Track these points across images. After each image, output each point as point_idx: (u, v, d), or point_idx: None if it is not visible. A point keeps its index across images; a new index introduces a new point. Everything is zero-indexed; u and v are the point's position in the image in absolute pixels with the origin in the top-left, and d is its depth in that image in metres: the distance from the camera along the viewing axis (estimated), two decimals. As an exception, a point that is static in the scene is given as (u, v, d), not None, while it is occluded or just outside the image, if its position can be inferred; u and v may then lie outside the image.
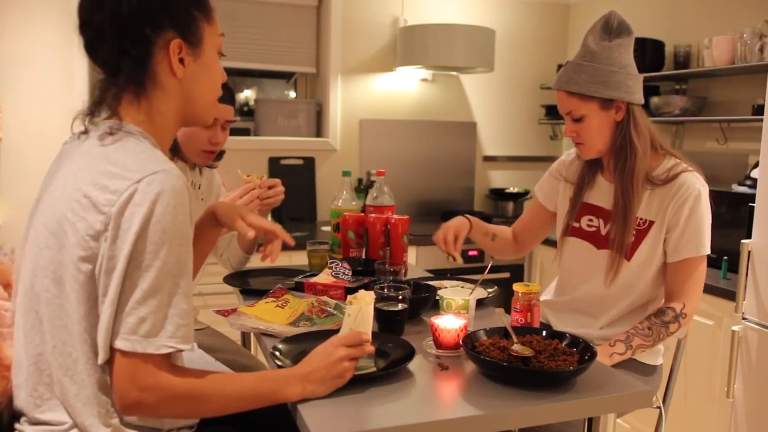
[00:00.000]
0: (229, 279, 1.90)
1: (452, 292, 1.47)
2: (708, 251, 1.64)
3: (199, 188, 1.86)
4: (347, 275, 1.75)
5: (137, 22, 1.01)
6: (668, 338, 1.62)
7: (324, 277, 1.76)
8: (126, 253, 0.94)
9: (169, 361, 1.00)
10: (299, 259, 2.89)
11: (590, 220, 1.75)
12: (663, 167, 1.65)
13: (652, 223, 1.65)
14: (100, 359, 0.97)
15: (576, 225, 1.78)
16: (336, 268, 1.77)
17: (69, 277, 0.99)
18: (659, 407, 1.66)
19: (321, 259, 1.97)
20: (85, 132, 1.08)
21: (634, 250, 1.66)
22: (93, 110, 1.07)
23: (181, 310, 0.98)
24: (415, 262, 3.10)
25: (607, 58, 1.58)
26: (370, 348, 1.18)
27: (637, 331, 1.59)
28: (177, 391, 0.99)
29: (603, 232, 1.71)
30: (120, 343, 0.95)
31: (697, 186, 1.62)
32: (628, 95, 1.60)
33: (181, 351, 0.99)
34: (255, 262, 2.61)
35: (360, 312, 1.21)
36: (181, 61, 1.06)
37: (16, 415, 1.08)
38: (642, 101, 1.64)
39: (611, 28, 1.60)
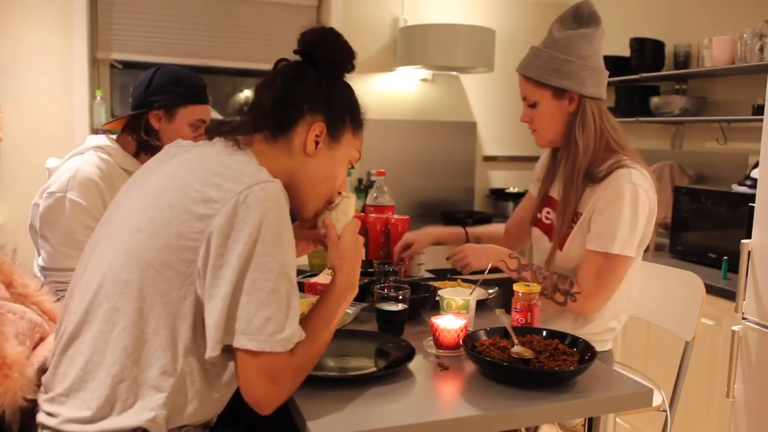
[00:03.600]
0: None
1: (452, 292, 1.47)
2: (620, 251, 1.53)
3: None
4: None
5: (300, 95, 1.18)
6: (547, 302, 1.61)
7: (324, 277, 1.75)
8: (239, 252, 0.99)
9: (291, 350, 1.05)
10: (299, 259, 2.89)
11: (548, 213, 1.76)
12: (606, 164, 1.59)
13: (580, 215, 1.63)
14: (210, 354, 1.02)
15: (539, 216, 1.79)
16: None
17: (158, 263, 1.02)
18: (665, 410, 1.66)
19: (321, 259, 1.97)
20: (210, 139, 1.18)
21: (565, 241, 1.65)
22: (226, 132, 1.17)
23: (295, 307, 1.06)
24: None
25: (565, 46, 1.57)
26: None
27: (536, 271, 1.63)
28: (299, 367, 1.07)
29: (552, 223, 1.72)
30: (249, 344, 1.00)
31: (624, 182, 1.52)
32: (581, 87, 1.57)
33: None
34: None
35: (352, 200, 1.30)
36: (316, 143, 1.19)
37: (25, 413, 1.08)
38: (599, 96, 1.60)
39: (581, 16, 1.60)
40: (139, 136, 1.81)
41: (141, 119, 1.81)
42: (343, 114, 1.23)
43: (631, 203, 1.52)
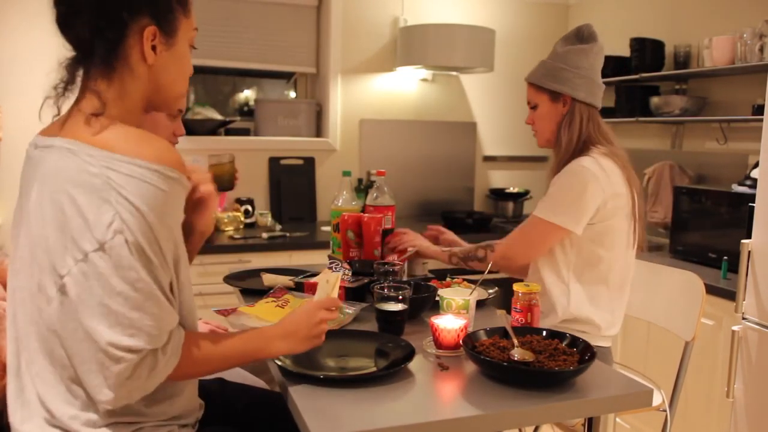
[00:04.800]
0: (229, 279, 1.90)
1: (452, 292, 1.47)
2: (549, 218, 1.70)
3: None
4: (347, 275, 1.75)
5: (115, 3, 1.02)
6: (474, 263, 1.85)
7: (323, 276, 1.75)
8: None
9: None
10: (299, 259, 2.89)
11: None
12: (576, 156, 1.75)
13: None
14: None
15: None
16: (336, 268, 1.77)
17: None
18: (665, 410, 1.67)
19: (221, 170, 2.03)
20: (58, 114, 1.08)
21: None
22: (64, 90, 1.08)
23: None
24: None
25: (563, 58, 1.78)
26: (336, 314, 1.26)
27: (462, 248, 1.90)
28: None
29: None
30: None
31: (576, 165, 1.70)
32: (573, 91, 1.76)
33: None
34: (256, 262, 2.61)
35: (337, 280, 1.31)
36: (153, 48, 1.06)
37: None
38: (591, 102, 1.77)
39: (582, 35, 1.80)
40: None
41: None
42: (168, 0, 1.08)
43: (574, 181, 1.68)
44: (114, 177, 0.95)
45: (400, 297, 1.45)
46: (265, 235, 3.00)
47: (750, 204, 2.09)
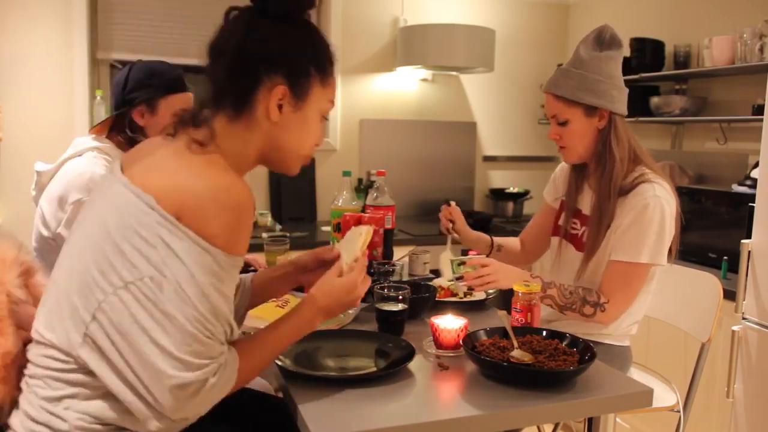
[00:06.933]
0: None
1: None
2: (646, 260, 1.60)
3: None
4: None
5: (254, 57, 1.07)
6: (574, 316, 1.65)
7: None
8: None
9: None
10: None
11: (574, 223, 1.80)
12: (631, 177, 1.67)
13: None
14: None
15: (561, 225, 1.84)
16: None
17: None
18: (679, 411, 1.67)
19: (273, 256, 1.99)
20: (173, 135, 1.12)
21: (595, 251, 1.70)
22: (192, 122, 1.11)
23: None
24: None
25: (595, 67, 1.64)
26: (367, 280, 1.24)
27: (561, 287, 1.64)
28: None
29: (580, 234, 1.77)
30: None
31: (648, 195, 1.61)
32: (612, 104, 1.65)
33: None
34: (255, 262, 2.57)
35: (369, 234, 1.27)
36: (280, 107, 1.09)
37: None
38: (625, 113, 1.69)
39: (603, 39, 1.67)
40: (126, 135, 1.81)
41: (125, 118, 1.81)
42: (306, 65, 1.11)
43: (654, 216, 1.59)
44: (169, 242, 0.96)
45: (400, 297, 1.45)
46: (265, 235, 2.99)
47: (750, 204, 2.09)
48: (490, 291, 1.77)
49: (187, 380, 0.94)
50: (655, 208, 1.59)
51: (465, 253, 1.93)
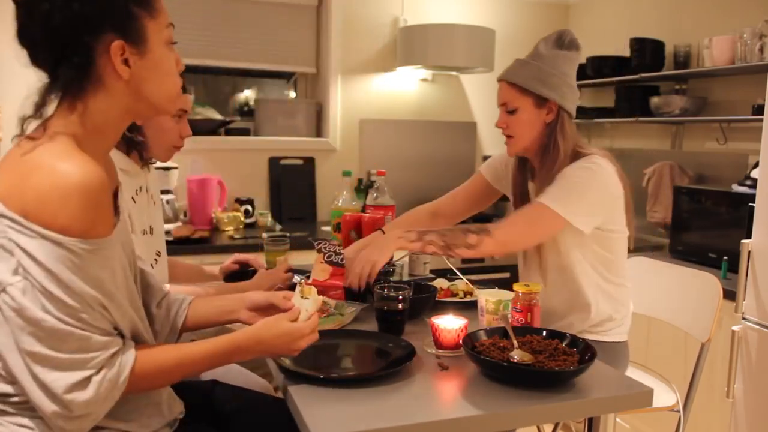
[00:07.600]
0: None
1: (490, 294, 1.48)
2: (555, 207, 1.59)
3: (148, 191, 1.82)
4: (340, 256, 1.68)
5: (73, 30, 0.98)
6: (460, 252, 1.59)
7: (319, 267, 1.71)
8: None
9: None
10: (298, 259, 2.89)
11: None
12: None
13: None
14: None
15: None
16: (326, 249, 1.70)
17: None
18: (678, 411, 1.67)
19: (273, 256, 1.98)
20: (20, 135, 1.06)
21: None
22: (35, 114, 1.06)
23: None
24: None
25: (551, 62, 1.69)
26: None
27: (439, 231, 1.62)
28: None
29: None
30: None
31: (582, 163, 1.64)
32: (562, 100, 1.69)
33: None
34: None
35: (317, 303, 1.22)
36: (126, 61, 1.01)
37: None
38: (573, 114, 1.73)
39: (563, 41, 1.73)
40: (125, 135, 1.79)
41: None
42: (126, 9, 1.00)
43: (581, 177, 1.62)
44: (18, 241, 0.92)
45: (400, 297, 1.45)
46: (265, 235, 2.99)
47: (750, 204, 2.09)
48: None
49: (75, 379, 0.92)
50: (583, 170, 1.63)
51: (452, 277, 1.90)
